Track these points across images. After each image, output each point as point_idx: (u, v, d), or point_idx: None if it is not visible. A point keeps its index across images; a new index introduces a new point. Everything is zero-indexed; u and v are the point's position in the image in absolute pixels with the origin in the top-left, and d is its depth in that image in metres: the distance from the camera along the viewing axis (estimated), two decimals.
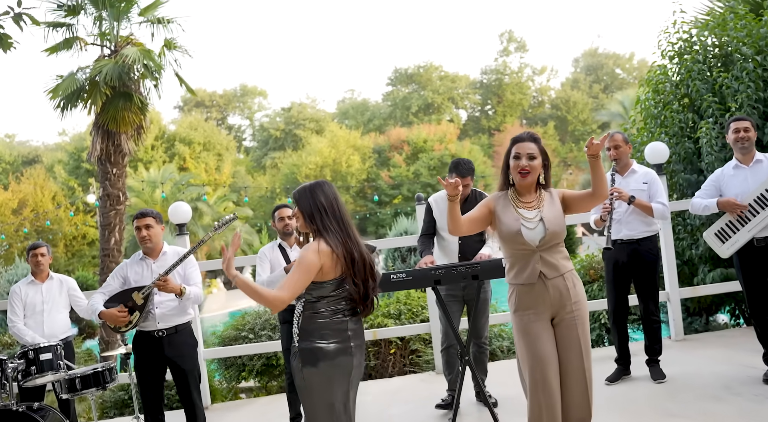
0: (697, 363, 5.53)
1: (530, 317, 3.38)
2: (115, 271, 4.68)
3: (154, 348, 4.50)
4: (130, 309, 4.44)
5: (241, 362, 7.27)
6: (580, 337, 3.37)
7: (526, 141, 3.43)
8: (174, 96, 67.84)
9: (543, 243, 3.36)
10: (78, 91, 10.47)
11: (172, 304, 4.53)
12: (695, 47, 6.89)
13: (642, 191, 5.09)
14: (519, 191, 3.50)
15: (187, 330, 4.67)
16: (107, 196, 10.80)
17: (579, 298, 3.40)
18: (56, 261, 34.45)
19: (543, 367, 3.32)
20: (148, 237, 4.56)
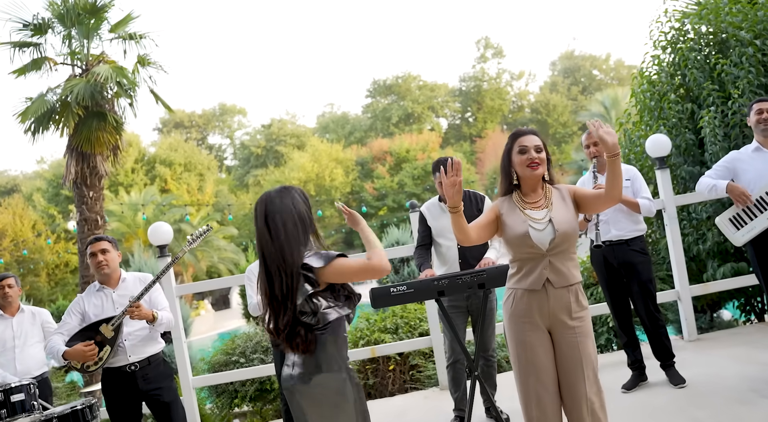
0: (716, 364, 5.23)
1: (525, 325, 3.08)
2: (71, 307, 4.26)
3: (127, 385, 4.13)
4: (98, 343, 4.05)
5: (233, 388, 6.88)
6: (582, 358, 3.04)
7: (529, 134, 3.16)
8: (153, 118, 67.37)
9: (553, 247, 3.05)
10: (49, 113, 10.05)
11: (141, 334, 4.17)
12: (689, 35, 6.65)
13: (626, 188, 4.81)
14: (524, 191, 3.20)
15: (160, 360, 4.30)
16: (85, 221, 10.35)
17: (582, 314, 3.09)
18: (38, 290, 33.81)
19: (537, 380, 3.04)
20: (105, 262, 4.20)
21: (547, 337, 3.09)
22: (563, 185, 3.23)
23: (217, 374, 6.56)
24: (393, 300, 4.25)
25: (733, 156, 4.70)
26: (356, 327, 7.21)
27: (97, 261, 4.19)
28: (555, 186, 3.21)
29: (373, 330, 7.03)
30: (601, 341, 6.58)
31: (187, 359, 6.09)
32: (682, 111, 6.50)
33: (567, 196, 3.17)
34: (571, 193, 3.19)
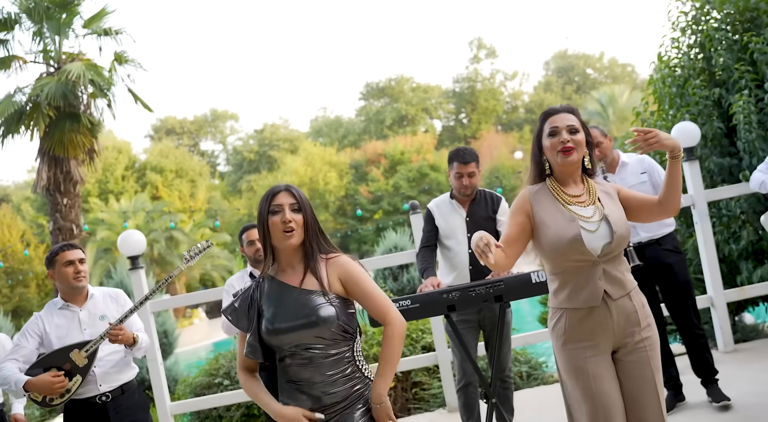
0: (763, 381, 4.60)
1: (586, 351, 2.47)
2: (27, 328, 3.53)
3: (96, 419, 3.45)
4: (67, 373, 3.35)
5: (217, 413, 6.20)
6: (654, 375, 2.48)
7: (562, 112, 2.55)
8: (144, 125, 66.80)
9: (607, 252, 2.45)
10: (17, 115, 9.36)
11: (114, 359, 3.51)
12: (713, 14, 6.04)
13: (643, 183, 4.26)
14: (561, 181, 2.58)
15: (134, 389, 3.63)
16: (59, 230, 9.65)
17: (649, 321, 2.53)
18: (28, 301, 33.21)
19: (608, 415, 2.42)
20: (84, 273, 3.52)
21: (611, 364, 2.51)
22: (608, 183, 2.68)
23: (198, 399, 5.89)
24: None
25: None
26: None
27: (77, 270, 3.49)
28: (597, 182, 2.63)
29: (371, 344, 6.42)
30: None
31: (164, 382, 5.45)
32: (707, 97, 5.89)
33: (613, 193, 2.60)
34: (615, 190, 2.63)
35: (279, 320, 2.24)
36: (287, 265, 2.33)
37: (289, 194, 2.31)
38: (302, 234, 2.29)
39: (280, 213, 2.27)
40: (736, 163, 5.79)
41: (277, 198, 2.30)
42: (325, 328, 2.21)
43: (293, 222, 2.25)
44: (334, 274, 2.30)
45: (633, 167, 4.36)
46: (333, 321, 2.21)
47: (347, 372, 2.26)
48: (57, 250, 3.58)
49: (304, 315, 2.21)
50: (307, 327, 2.21)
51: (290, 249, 2.30)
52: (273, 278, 2.33)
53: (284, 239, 2.26)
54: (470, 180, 4.05)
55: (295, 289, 2.27)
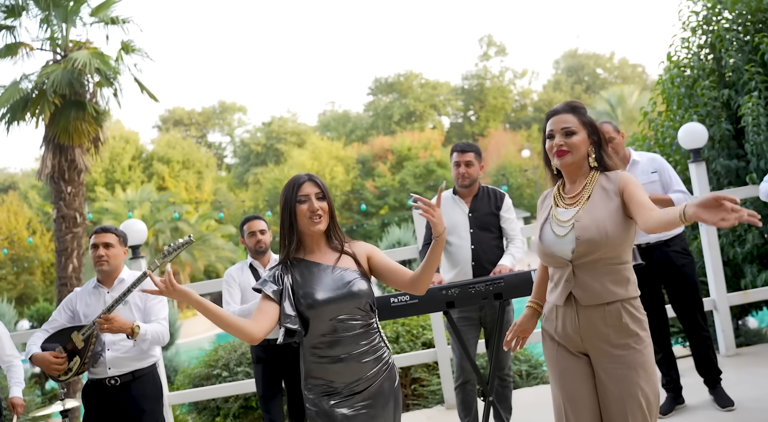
0: (762, 385, 4.56)
1: (558, 346, 2.51)
2: (63, 303, 3.70)
3: (106, 401, 3.53)
4: (69, 352, 3.48)
5: (215, 404, 6.19)
6: (624, 398, 2.36)
7: (561, 113, 2.50)
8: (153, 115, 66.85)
9: (579, 257, 2.39)
10: (23, 102, 9.33)
11: (127, 345, 3.54)
12: (725, 14, 5.97)
13: (653, 183, 4.18)
14: (566, 181, 2.56)
15: (149, 377, 3.65)
16: (62, 218, 9.63)
17: (630, 340, 2.38)
18: (33, 290, 33.35)
19: (574, 411, 2.44)
20: (106, 257, 3.58)
21: (584, 363, 2.47)
22: (621, 173, 2.49)
23: (196, 389, 5.87)
24: (394, 312, 3.59)
25: None
26: None
27: (98, 254, 3.58)
28: (607, 174, 2.50)
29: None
30: None
31: (162, 372, 5.42)
32: (716, 98, 5.82)
33: (613, 190, 2.45)
34: (621, 185, 2.44)
35: (319, 293, 2.39)
36: (315, 248, 2.51)
37: (314, 184, 2.48)
38: (328, 220, 2.49)
39: (307, 202, 2.44)
40: (743, 165, 5.73)
41: (303, 188, 2.46)
42: (361, 301, 2.40)
43: (320, 209, 2.44)
44: (362, 254, 2.51)
45: (644, 166, 4.28)
46: (366, 294, 2.42)
47: (375, 342, 2.46)
48: (92, 232, 3.68)
49: (344, 288, 2.39)
50: (347, 298, 2.39)
51: (317, 234, 2.48)
52: (302, 259, 2.49)
53: (312, 225, 2.44)
54: (467, 169, 4.02)
55: (331, 267, 2.45)
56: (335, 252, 2.50)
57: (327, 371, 2.42)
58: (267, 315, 2.38)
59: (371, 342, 2.44)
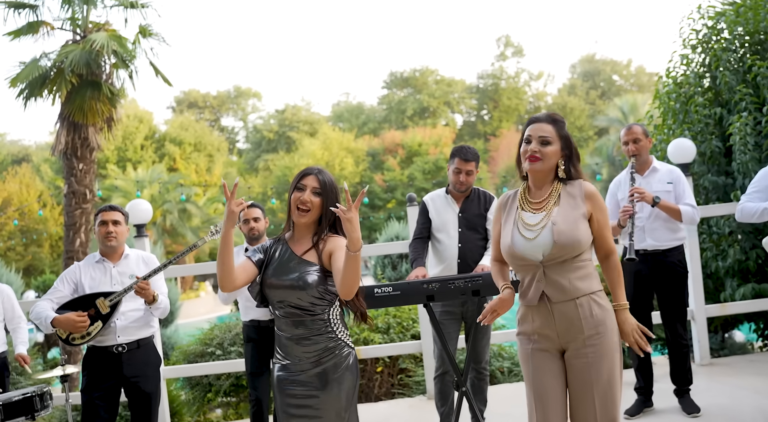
0: (731, 394, 4.77)
1: (533, 344, 2.68)
2: (65, 274, 3.92)
3: (110, 367, 3.77)
4: (90, 317, 3.71)
5: (208, 381, 6.45)
6: (593, 384, 2.60)
7: (542, 122, 2.69)
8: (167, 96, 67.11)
9: (551, 258, 2.60)
10: (41, 79, 9.62)
11: (136, 315, 3.82)
12: (724, 35, 6.14)
13: (667, 193, 4.35)
14: (531, 186, 2.75)
15: (150, 346, 3.94)
16: (73, 194, 9.92)
17: (600, 330, 2.60)
18: (41, 261, 33.74)
19: (543, 406, 2.64)
20: (114, 234, 3.84)
21: (556, 359, 2.68)
22: (585, 184, 2.69)
23: (190, 365, 6.13)
24: (376, 302, 3.80)
25: (765, 173, 4.16)
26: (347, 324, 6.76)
27: (107, 231, 3.84)
28: (570, 182, 2.70)
29: (362, 328, 6.60)
30: None
31: (159, 347, 5.66)
32: (709, 116, 6.00)
33: (580, 196, 2.66)
34: (588, 195, 2.66)
35: (275, 276, 2.63)
36: (299, 236, 2.71)
37: (316, 179, 2.63)
38: (315, 216, 2.64)
39: (302, 192, 2.61)
40: (730, 182, 5.91)
41: (305, 178, 2.63)
42: (307, 291, 2.57)
43: (310, 203, 2.60)
44: (327, 251, 2.62)
45: (662, 175, 4.44)
46: (314, 286, 2.57)
47: (322, 330, 2.62)
48: (99, 209, 3.93)
49: (296, 278, 2.59)
50: (294, 287, 2.58)
51: (302, 225, 2.66)
52: (286, 242, 2.72)
53: (297, 216, 2.63)
54: (467, 177, 4.21)
55: (296, 256, 2.65)
56: (309, 245, 2.67)
57: (282, 345, 2.68)
58: (245, 271, 2.64)
59: (319, 329, 2.62)
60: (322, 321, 2.63)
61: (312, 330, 2.62)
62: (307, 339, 2.61)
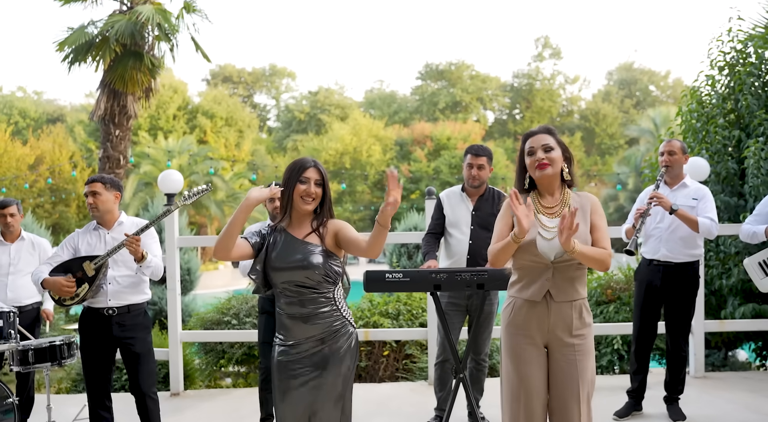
0: (719, 407, 4.96)
1: (522, 338, 2.91)
2: (65, 241, 4.20)
3: (102, 328, 4.05)
4: (78, 279, 3.99)
5: (221, 348, 6.76)
6: (577, 380, 2.85)
7: (539, 134, 2.93)
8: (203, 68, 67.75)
9: (561, 260, 2.84)
10: (87, 46, 9.98)
11: (127, 280, 4.09)
12: (750, 59, 6.26)
13: (691, 208, 4.49)
14: (541, 193, 2.97)
15: (141, 310, 4.20)
16: (107, 158, 10.31)
17: (585, 332, 2.88)
18: (67, 220, 34.44)
19: (528, 394, 2.88)
20: (94, 204, 4.09)
21: (542, 353, 2.92)
22: (588, 195, 2.97)
23: (205, 331, 6.46)
24: (386, 286, 4.03)
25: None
26: (358, 307, 7.05)
27: (88, 202, 4.12)
28: (578, 193, 2.96)
29: (373, 312, 6.87)
30: (602, 362, 6.32)
31: (179, 312, 5.99)
32: (728, 137, 6.15)
33: (587, 208, 2.93)
34: (591, 208, 2.93)
35: (280, 260, 2.82)
36: (298, 222, 2.91)
37: (317, 171, 2.87)
38: (317, 204, 2.89)
39: (306, 185, 2.84)
40: (742, 204, 6.06)
41: (307, 171, 2.85)
42: (313, 271, 2.77)
43: (315, 194, 2.85)
44: (331, 232, 2.87)
45: (690, 191, 4.60)
46: (319, 267, 2.78)
47: (326, 310, 2.82)
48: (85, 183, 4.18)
49: (301, 260, 2.79)
50: (300, 268, 2.78)
51: (305, 212, 2.89)
52: (284, 229, 2.91)
53: (303, 204, 2.85)
54: (479, 172, 4.44)
55: (299, 240, 2.85)
56: (309, 229, 2.89)
57: (284, 325, 2.87)
58: (240, 248, 2.83)
59: (321, 309, 2.81)
60: (327, 298, 2.83)
61: (319, 308, 2.80)
62: (314, 317, 2.80)
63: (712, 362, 6.68)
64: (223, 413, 5.35)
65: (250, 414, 5.06)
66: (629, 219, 4.67)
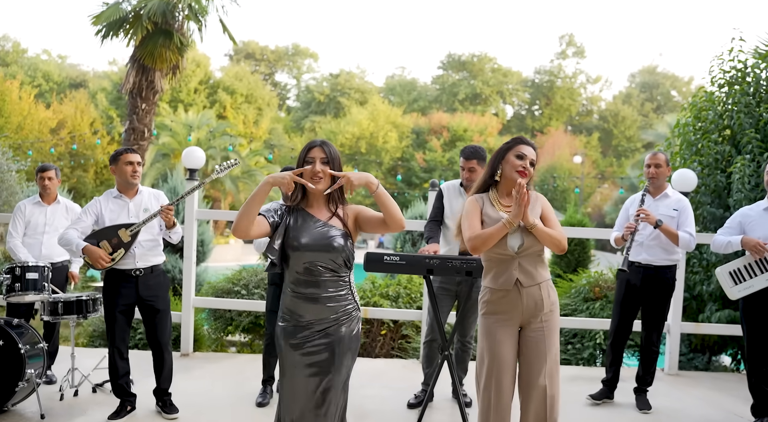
0: (685, 402, 5.37)
1: (498, 322, 3.32)
2: (88, 207, 4.58)
3: (128, 288, 4.49)
4: (114, 245, 4.42)
5: (230, 316, 7.24)
6: (546, 351, 3.28)
7: (530, 146, 3.38)
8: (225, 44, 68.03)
9: (522, 250, 3.26)
10: (120, 21, 10.45)
11: (149, 244, 4.55)
12: (748, 79, 6.60)
13: (671, 218, 4.89)
14: (500, 192, 3.41)
15: (161, 271, 4.67)
16: (132, 130, 10.81)
17: (552, 308, 3.33)
18: (84, 186, 34.93)
19: (500, 371, 3.28)
20: (138, 174, 4.56)
21: (515, 332, 3.33)
22: (539, 195, 3.40)
23: (217, 299, 6.93)
24: (384, 267, 4.47)
25: (742, 213, 4.72)
26: (361, 287, 7.46)
27: (134, 170, 4.53)
28: (530, 191, 3.35)
29: (374, 293, 7.28)
30: (584, 355, 6.73)
31: (192, 278, 6.44)
32: (720, 152, 6.50)
33: (537, 203, 3.35)
34: (541, 203, 3.36)
35: (304, 239, 2.82)
36: (314, 203, 2.93)
37: (322, 150, 2.87)
38: (328, 183, 2.87)
39: (312, 164, 2.86)
40: (727, 215, 6.40)
41: (312, 151, 2.88)
42: (335, 254, 2.82)
43: (321, 172, 2.85)
44: (351, 216, 2.93)
45: (670, 202, 4.97)
46: (342, 250, 2.83)
47: (342, 293, 2.88)
48: (122, 151, 4.60)
49: (324, 241, 2.82)
50: (324, 250, 2.81)
51: (317, 192, 2.89)
52: (302, 209, 2.93)
53: (312, 183, 2.85)
54: (470, 174, 4.83)
55: (322, 222, 2.88)
56: (329, 212, 2.92)
57: (298, 306, 2.85)
58: (259, 227, 2.83)
59: (339, 291, 2.86)
60: (345, 282, 2.88)
61: (336, 291, 2.84)
62: (330, 299, 2.83)
63: (695, 365, 7.03)
64: (229, 374, 5.81)
65: (253, 377, 5.49)
66: (617, 226, 5.08)
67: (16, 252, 5.38)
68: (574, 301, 7.16)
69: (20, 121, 31.81)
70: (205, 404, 4.90)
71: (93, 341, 7.21)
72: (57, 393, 4.96)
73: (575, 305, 7.09)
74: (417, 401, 5.01)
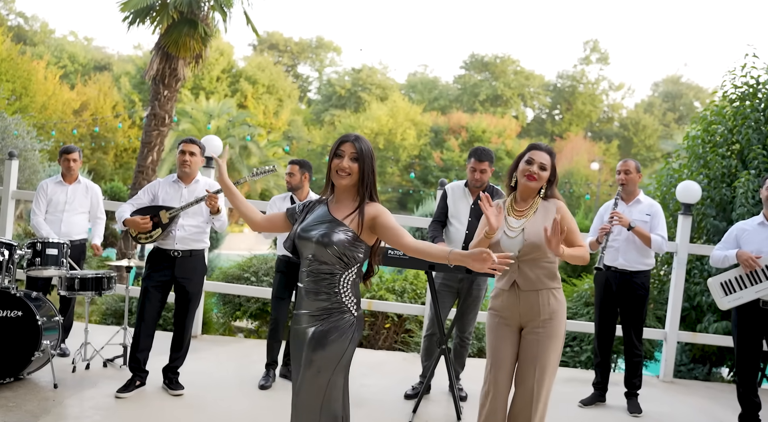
0: (676, 409, 5.49)
1: (499, 319, 3.48)
2: (147, 187, 4.89)
3: (167, 265, 4.74)
4: (154, 224, 4.66)
5: (238, 301, 7.45)
6: (537, 357, 3.39)
7: (543, 151, 3.47)
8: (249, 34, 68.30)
9: (522, 254, 3.39)
10: (147, 9, 10.69)
11: (193, 229, 4.78)
12: (759, 95, 6.69)
13: (644, 223, 5.06)
14: (517, 198, 3.53)
15: (201, 257, 4.91)
16: (153, 116, 11.05)
17: (553, 316, 3.40)
18: (103, 168, 35.36)
19: (496, 367, 3.44)
20: (189, 163, 4.80)
21: (514, 333, 3.47)
22: (558, 202, 3.47)
23: (227, 284, 7.13)
24: (388, 261, 4.66)
25: (737, 227, 4.87)
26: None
27: (183, 159, 4.79)
28: (548, 199, 3.48)
29: (381, 287, 7.45)
30: (582, 358, 6.86)
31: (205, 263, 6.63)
32: (727, 166, 6.61)
33: (552, 211, 3.43)
34: (559, 211, 3.42)
35: (307, 230, 2.80)
36: (340, 198, 2.86)
37: (353, 145, 2.79)
38: (355, 180, 2.80)
39: (341, 159, 2.78)
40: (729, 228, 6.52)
41: (343, 145, 2.80)
42: (332, 249, 2.72)
43: (348, 169, 2.77)
44: (369, 216, 2.79)
45: (643, 207, 5.15)
46: (338, 246, 2.71)
47: (335, 290, 2.76)
48: (181, 140, 4.88)
49: (325, 235, 2.74)
50: (321, 244, 2.73)
51: (342, 188, 2.82)
52: (327, 204, 2.90)
53: (336, 178, 2.80)
54: (481, 175, 4.96)
55: (331, 217, 2.81)
56: (348, 209, 2.82)
57: (300, 297, 2.86)
58: (273, 219, 3.02)
59: (332, 288, 2.76)
60: (341, 281, 2.76)
61: (322, 287, 2.76)
62: (316, 294, 2.77)
63: (695, 375, 7.14)
64: (234, 357, 6.01)
65: (258, 360, 5.67)
66: (592, 232, 5.24)
67: (39, 229, 5.61)
68: (575, 305, 7.29)
69: (45, 101, 32.22)
70: (210, 384, 5.10)
71: (105, 319, 7.44)
72: (69, 366, 5.18)
73: (576, 309, 7.23)
74: (414, 392, 5.17)
